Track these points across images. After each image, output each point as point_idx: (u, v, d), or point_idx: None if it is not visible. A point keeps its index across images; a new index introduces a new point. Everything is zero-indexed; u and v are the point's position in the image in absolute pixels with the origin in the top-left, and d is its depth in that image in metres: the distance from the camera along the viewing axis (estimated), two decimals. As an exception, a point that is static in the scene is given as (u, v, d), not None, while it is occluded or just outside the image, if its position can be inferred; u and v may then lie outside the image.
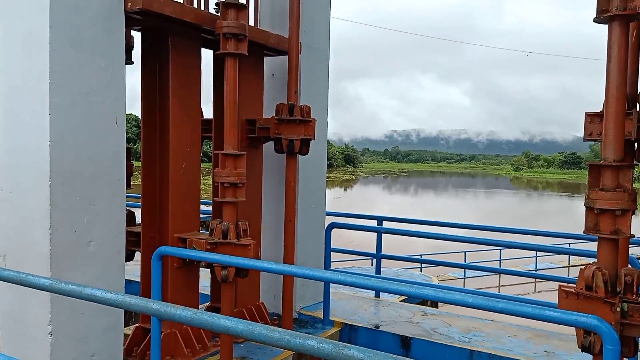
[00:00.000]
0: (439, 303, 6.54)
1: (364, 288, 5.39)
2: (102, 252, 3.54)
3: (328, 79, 5.62)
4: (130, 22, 3.73)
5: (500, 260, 13.35)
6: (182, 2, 4.04)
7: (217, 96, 4.82)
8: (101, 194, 3.50)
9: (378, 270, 6.41)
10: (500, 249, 12.80)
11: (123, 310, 3.68)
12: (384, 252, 6.19)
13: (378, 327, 5.07)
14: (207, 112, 4.90)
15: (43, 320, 3.24)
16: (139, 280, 4.46)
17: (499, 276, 13.26)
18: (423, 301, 6.38)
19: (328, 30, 5.58)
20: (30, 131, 3.22)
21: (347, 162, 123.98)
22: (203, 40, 4.39)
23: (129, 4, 3.52)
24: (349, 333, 5.12)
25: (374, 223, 6.32)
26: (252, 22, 4.64)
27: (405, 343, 4.82)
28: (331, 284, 5.25)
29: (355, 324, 5.16)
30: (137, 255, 4.54)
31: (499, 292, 11.82)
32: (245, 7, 4.06)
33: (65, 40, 3.16)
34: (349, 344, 1.76)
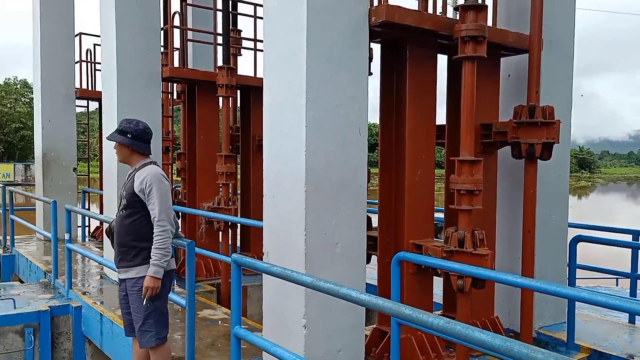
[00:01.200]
0: None
1: (624, 311, 4.73)
2: (346, 253, 3.74)
3: (572, 76, 5.11)
4: (372, 35, 3.90)
5: None
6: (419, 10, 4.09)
7: (451, 101, 4.76)
8: (346, 198, 3.71)
9: (633, 292, 5.58)
10: None
11: (365, 310, 3.85)
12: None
13: (633, 358, 4.40)
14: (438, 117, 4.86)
15: (299, 314, 3.56)
16: (369, 283, 4.61)
17: None
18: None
19: (573, 23, 5.08)
20: (289, 142, 3.57)
21: (582, 166, 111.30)
22: (439, 46, 4.38)
23: (373, 17, 3.68)
24: (598, 361, 4.55)
25: (625, 237, 5.53)
26: (489, 22, 4.46)
27: (671, 380, 4.09)
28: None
29: (606, 351, 4.56)
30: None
31: None
32: (484, 8, 3.92)
33: (319, 57, 3.44)
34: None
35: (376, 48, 4.44)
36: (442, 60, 4.65)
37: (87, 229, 9.89)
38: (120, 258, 3.48)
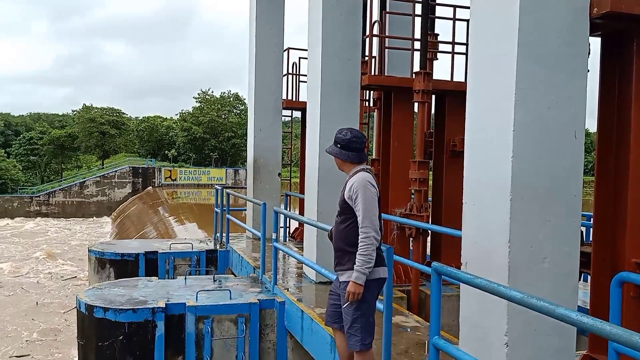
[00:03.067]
0: None
1: None
2: (555, 270, 3.41)
3: None
4: (591, 28, 3.51)
5: None
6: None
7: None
8: (556, 209, 3.38)
9: None
10: None
11: (575, 334, 3.48)
12: None
13: None
14: None
15: (500, 331, 3.35)
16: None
17: None
18: None
19: None
20: (494, 147, 3.39)
21: None
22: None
23: (595, 9, 3.31)
24: None
25: None
26: None
27: None
28: None
29: None
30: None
31: None
32: None
33: (530, 57, 3.21)
34: None
35: (593, 42, 4.00)
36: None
37: (287, 229, 10.72)
38: (337, 262, 3.64)
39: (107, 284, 6.65)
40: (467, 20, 7.12)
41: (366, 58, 7.44)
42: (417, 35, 7.31)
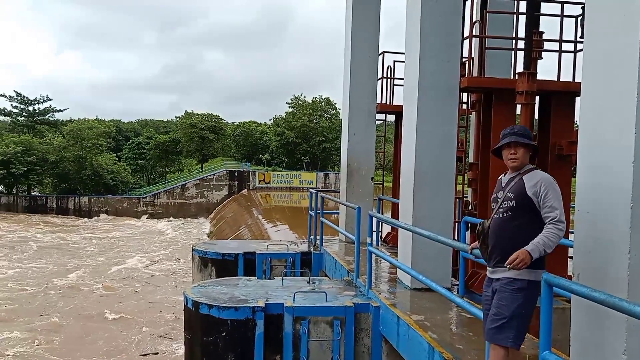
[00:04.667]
0: None
1: None
2: (683, 285, 3.11)
3: None
4: None
5: None
6: None
7: None
8: (684, 219, 3.08)
9: None
10: None
11: None
12: None
13: None
14: None
15: (618, 348, 3.11)
16: None
17: None
18: None
19: None
20: (611, 150, 3.16)
21: None
22: None
23: None
24: None
25: None
26: None
27: None
28: None
29: None
30: None
31: None
32: None
33: (654, 53, 2.96)
34: None
35: None
36: None
37: (380, 234, 10.66)
38: (499, 259, 3.48)
39: (210, 282, 6.99)
40: (576, 17, 6.72)
41: (464, 59, 7.24)
42: (519, 33, 7.02)
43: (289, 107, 62.63)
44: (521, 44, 6.65)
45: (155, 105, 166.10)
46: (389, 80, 10.80)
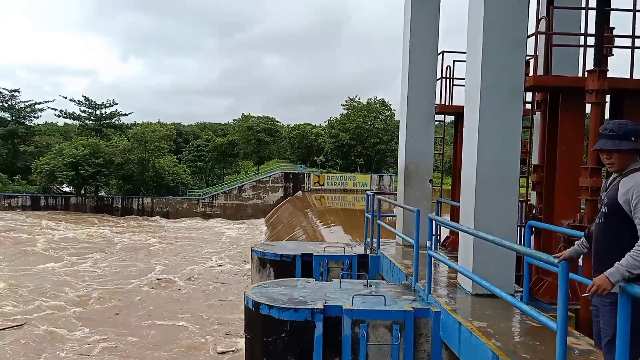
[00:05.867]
0: None
1: None
2: None
3: None
4: None
5: None
6: None
7: None
8: None
9: None
10: None
11: None
12: None
13: None
14: None
15: None
16: None
17: None
18: None
19: None
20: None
21: None
22: None
23: None
24: None
25: None
26: None
27: None
28: None
29: None
30: None
31: None
32: None
33: None
34: None
35: None
36: None
37: (438, 237, 10.45)
38: (597, 267, 3.31)
39: (269, 283, 7.07)
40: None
41: (528, 57, 6.98)
42: (588, 29, 6.69)
43: (344, 108, 62.71)
44: (590, 41, 6.34)
45: (213, 109, 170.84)
46: (448, 80, 10.59)
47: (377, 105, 61.65)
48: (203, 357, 13.56)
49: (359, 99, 62.59)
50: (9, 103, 56.33)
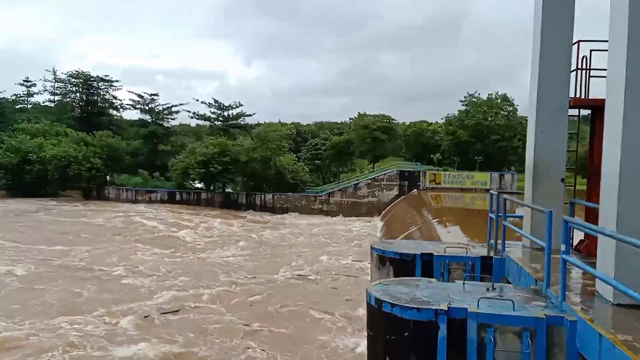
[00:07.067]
0: None
1: None
2: None
3: None
4: None
5: None
6: None
7: None
8: None
9: None
10: None
11: None
12: None
13: None
14: None
15: None
16: None
17: None
18: None
19: None
20: None
21: None
22: None
23: None
24: None
25: None
26: None
27: None
28: None
29: None
30: None
31: None
32: None
33: None
34: None
35: None
36: None
37: (571, 241, 9.69)
38: None
39: (391, 281, 7.03)
40: None
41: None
42: None
43: (462, 105, 60.61)
44: None
45: (330, 108, 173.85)
46: (584, 71, 9.78)
47: (499, 100, 58.76)
48: (335, 354, 13.72)
49: (479, 94, 60.13)
50: (150, 106, 63.08)
